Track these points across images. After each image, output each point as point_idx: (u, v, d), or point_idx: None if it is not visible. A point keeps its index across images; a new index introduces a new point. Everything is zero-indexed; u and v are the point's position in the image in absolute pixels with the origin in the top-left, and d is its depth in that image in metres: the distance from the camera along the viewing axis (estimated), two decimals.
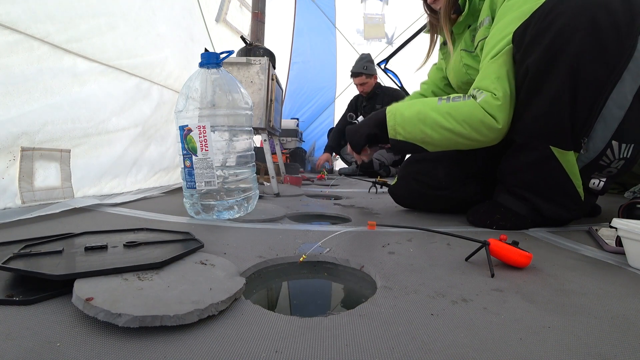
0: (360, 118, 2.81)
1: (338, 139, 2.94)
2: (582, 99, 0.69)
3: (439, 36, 1.07)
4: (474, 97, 0.79)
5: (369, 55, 2.72)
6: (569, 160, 0.75)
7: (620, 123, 0.69)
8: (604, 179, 0.78)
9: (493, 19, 0.82)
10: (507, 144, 0.84)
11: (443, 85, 1.18)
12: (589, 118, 0.70)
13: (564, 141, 0.73)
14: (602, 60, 0.66)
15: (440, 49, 1.11)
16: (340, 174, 3.03)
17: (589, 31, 0.65)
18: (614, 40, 0.65)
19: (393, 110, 0.86)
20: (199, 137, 0.78)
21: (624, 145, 0.72)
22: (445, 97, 0.83)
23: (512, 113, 0.78)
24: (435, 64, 1.22)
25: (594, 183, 0.79)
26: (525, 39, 0.72)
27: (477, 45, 0.89)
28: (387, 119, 0.86)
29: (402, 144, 0.86)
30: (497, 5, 0.81)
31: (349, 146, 1.00)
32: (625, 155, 0.73)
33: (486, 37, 0.82)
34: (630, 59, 0.65)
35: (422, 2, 1.03)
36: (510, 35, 0.75)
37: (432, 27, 1.05)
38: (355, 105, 2.92)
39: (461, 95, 0.82)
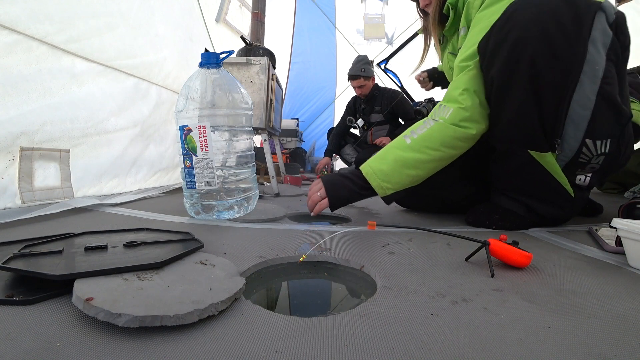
0: (360, 121, 2.82)
1: (337, 142, 2.93)
2: (545, 104, 0.72)
3: (432, 38, 1.08)
4: (435, 118, 0.81)
5: (365, 57, 2.71)
6: (549, 161, 0.77)
7: (589, 122, 0.72)
8: (589, 175, 0.80)
9: (469, 28, 0.85)
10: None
11: None
12: (556, 121, 0.73)
13: (538, 144, 0.76)
14: (557, 66, 0.69)
15: (435, 48, 1.12)
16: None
17: (540, 41, 0.68)
18: (565, 48, 0.68)
19: (369, 171, 0.84)
20: (199, 137, 0.78)
21: (599, 142, 0.74)
22: (409, 131, 0.84)
23: (486, 118, 0.80)
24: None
25: (580, 179, 0.81)
26: (487, 51, 0.75)
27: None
28: (370, 181, 0.84)
29: (395, 195, 0.86)
30: (472, 15, 0.83)
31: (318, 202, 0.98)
32: (603, 151, 0.75)
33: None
34: (584, 62, 0.68)
35: (415, 5, 1.05)
36: (476, 45, 0.77)
37: (425, 30, 1.07)
38: (353, 108, 2.90)
39: (422, 122, 0.83)
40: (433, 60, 1.16)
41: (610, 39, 0.69)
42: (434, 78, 1.31)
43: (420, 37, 1.28)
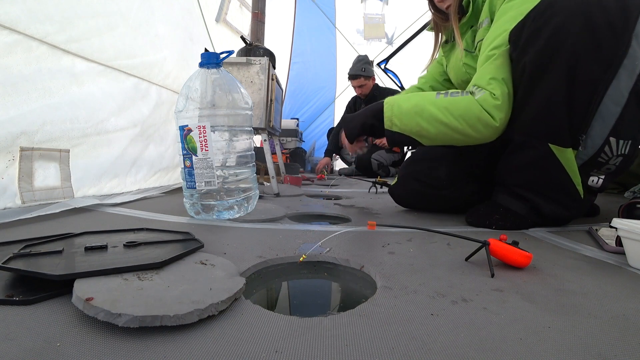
0: None
1: (337, 142, 2.93)
2: (578, 96, 0.70)
3: (442, 36, 1.08)
4: (472, 93, 0.80)
5: (366, 57, 2.71)
6: (568, 158, 0.75)
7: (618, 119, 0.70)
8: (603, 177, 0.79)
9: (492, 20, 0.84)
10: (507, 143, 0.84)
11: (442, 80, 1.19)
12: (586, 115, 0.71)
13: (562, 138, 0.74)
14: (598, 57, 0.67)
15: (442, 46, 1.12)
16: (340, 174, 3.03)
17: (584, 29, 0.66)
18: (609, 38, 0.66)
19: (391, 102, 0.87)
20: (199, 137, 0.78)
21: (621, 142, 0.73)
22: (444, 91, 0.84)
23: (510, 112, 0.79)
24: (436, 58, 1.23)
25: (593, 181, 0.80)
26: (521, 38, 0.73)
27: (477, 45, 0.90)
28: (384, 110, 0.86)
29: (397, 136, 0.86)
30: (496, 7, 0.82)
31: (343, 138, 0.99)
32: (623, 152, 0.74)
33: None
34: (625, 56, 0.66)
35: (427, 1, 1.04)
36: (506, 33, 0.76)
37: (437, 27, 1.06)
38: (353, 108, 2.91)
39: (459, 91, 0.83)
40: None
41: None
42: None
43: (420, 38, 1.28)
